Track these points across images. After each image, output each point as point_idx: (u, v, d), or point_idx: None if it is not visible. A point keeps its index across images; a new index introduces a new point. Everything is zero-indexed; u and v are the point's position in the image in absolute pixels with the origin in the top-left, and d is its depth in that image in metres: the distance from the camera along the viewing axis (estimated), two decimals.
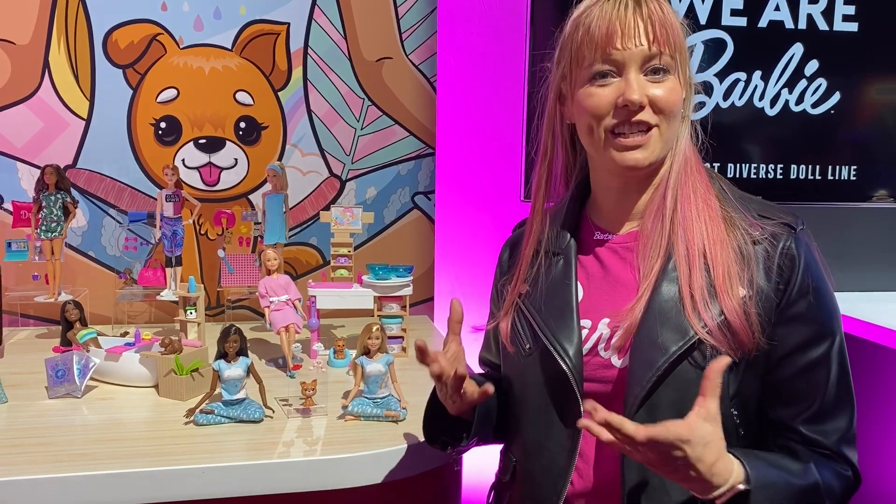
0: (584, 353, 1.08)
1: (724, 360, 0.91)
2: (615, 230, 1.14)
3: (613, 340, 1.07)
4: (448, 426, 1.19)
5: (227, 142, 2.19)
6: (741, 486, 0.92)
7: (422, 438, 1.26)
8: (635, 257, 1.09)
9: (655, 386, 1.00)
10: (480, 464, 1.51)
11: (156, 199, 1.99)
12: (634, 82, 1.02)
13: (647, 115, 1.03)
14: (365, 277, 1.81)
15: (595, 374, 1.08)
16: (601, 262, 1.14)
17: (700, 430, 0.88)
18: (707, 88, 2.23)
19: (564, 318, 1.10)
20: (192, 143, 2.17)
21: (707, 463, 0.89)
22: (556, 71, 1.12)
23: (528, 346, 1.14)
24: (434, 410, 1.19)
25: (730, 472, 0.92)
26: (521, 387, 1.16)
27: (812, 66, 2.27)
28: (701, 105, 1.15)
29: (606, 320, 1.09)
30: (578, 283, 1.14)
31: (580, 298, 1.12)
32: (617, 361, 1.06)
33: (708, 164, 1.13)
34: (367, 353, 1.38)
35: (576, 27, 1.07)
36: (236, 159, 2.21)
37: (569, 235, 1.16)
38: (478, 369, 1.39)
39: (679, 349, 0.99)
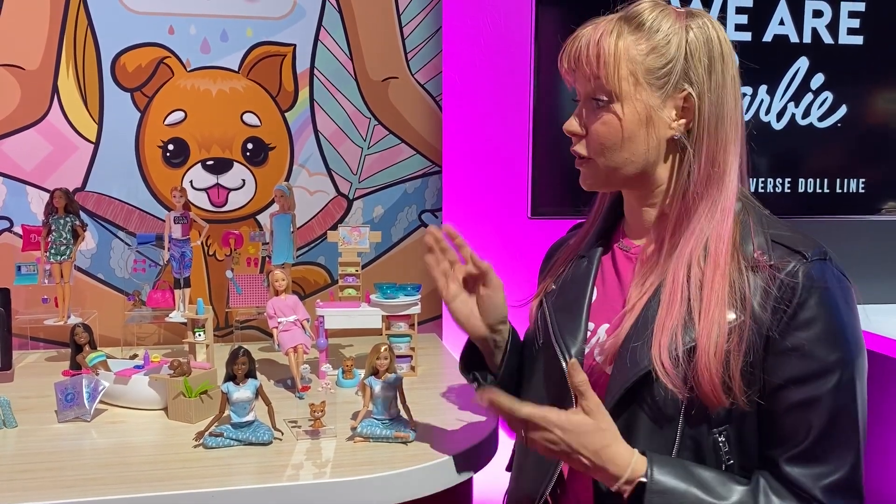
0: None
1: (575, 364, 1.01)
2: (635, 240, 1.16)
3: (605, 347, 1.08)
4: (481, 362, 1.26)
5: (235, 163, 2.20)
6: (642, 479, 0.95)
7: (432, 460, 1.27)
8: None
9: (631, 397, 1.01)
10: (492, 483, 1.50)
11: (164, 221, 2.00)
12: (574, 113, 1.10)
13: (579, 147, 1.10)
14: (373, 296, 1.81)
15: (588, 377, 1.08)
16: (618, 269, 1.16)
17: (576, 419, 0.97)
18: None
19: (573, 318, 1.13)
20: (199, 164, 2.19)
21: (591, 449, 0.97)
22: None
23: (540, 341, 1.17)
24: (472, 345, 1.27)
25: (626, 461, 0.96)
26: (528, 379, 1.21)
27: (818, 80, 2.28)
28: None
29: (606, 326, 1.11)
30: (595, 286, 1.16)
31: (593, 301, 1.15)
32: (607, 368, 1.07)
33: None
34: (375, 373, 1.37)
35: None
36: (244, 180, 2.22)
37: (598, 240, 1.19)
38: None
39: (649, 366, 0.99)
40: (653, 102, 1.04)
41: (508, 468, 1.30)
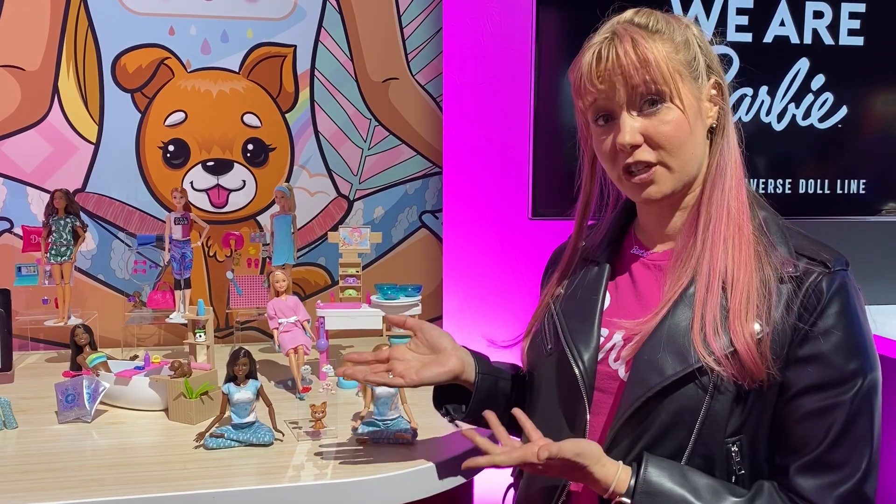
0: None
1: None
2: (652, 247, 1.15)
3: (623, 353, 1.07)
4: (452, 396, 1.27)
5: (235, 164, 2.20)
6: (624, 499, 0.98)
7: (433, 461, 1.27)
8: (664, 275, 1.09)
9: (646, 405, 1.01)
10: (492, 485, 1.50)
11: (164, 222, 2.00)
12: (624, 124, 1.04)
13: (644, 154, 1.04)
14: (373, 297, 1.81)
15: (601, 384, 1.09)
16: (633, 276, 1.15)
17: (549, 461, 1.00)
18: None
19: (585, 324, 1.12)
20: (200, 165, 2.19)
21: (572, 477, 1.03)
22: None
23: (549, 347, 1.16)
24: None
25: (609, 480, 0.99)
26: (537, 386, 1.19)
27: (818, 81, 2.27)
28: None
29: (622, 332, 1.10)
30: (607, 292, 1.15)
31: (605, 307, 1.14)
32: (623, 374, 1.07)
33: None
34: None
35: (571, 72, 1.10)
36: (244, 181, 2.22)
37: (608, 246, 1.18)
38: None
39: (676, 374, 0.99)
40: (696, 94, 1.05)
41: (513, 472, 1.29)
